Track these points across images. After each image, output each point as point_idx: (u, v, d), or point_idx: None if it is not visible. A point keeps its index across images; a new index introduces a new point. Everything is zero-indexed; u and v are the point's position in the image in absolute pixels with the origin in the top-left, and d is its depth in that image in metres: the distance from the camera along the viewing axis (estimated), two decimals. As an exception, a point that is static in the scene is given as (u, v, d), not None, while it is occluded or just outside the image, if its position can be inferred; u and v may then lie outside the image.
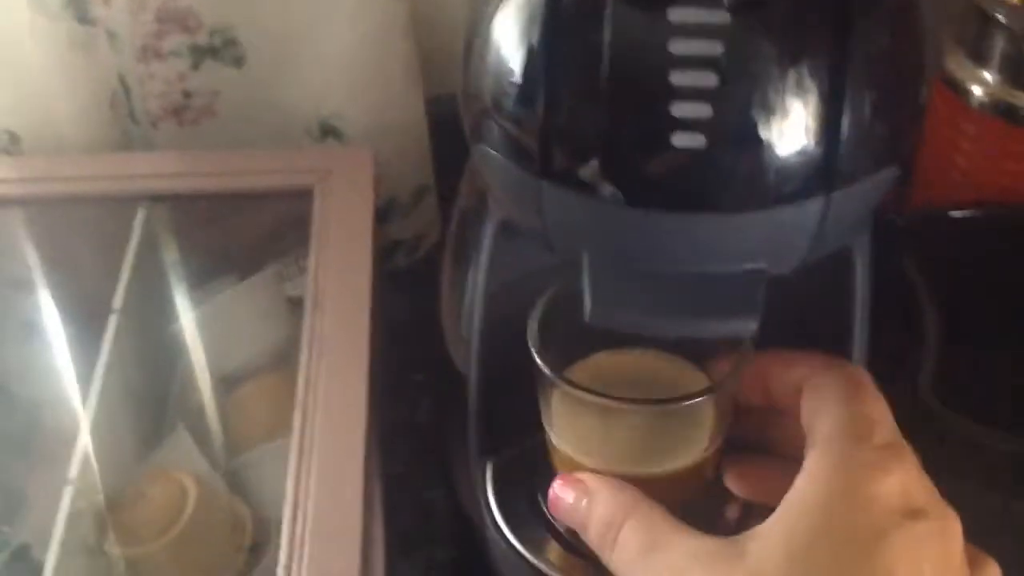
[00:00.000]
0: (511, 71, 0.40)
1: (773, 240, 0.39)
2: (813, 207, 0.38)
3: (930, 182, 0.63)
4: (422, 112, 0.73)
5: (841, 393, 0.39)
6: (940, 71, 0.61)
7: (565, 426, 0.46)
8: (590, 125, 0.38)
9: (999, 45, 0.58)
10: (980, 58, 0.59)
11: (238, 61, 0.69)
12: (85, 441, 0.55)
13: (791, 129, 0.36)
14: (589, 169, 0.38)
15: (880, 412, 0.39)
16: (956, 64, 0.60)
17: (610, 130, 0.37)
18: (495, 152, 0.41)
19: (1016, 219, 0.57)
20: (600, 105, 0.37)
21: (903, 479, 0.36)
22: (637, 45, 0.37)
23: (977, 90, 0.59)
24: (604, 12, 0.37)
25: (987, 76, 0.59)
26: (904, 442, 0.38)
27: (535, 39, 0.39)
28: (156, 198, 0.66)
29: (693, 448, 0.44)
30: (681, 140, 0.36)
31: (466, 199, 0.53)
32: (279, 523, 0.49)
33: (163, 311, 0.65)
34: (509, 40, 0.40)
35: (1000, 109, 0.58)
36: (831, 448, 0.37)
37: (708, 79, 0.36)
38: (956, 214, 0.57)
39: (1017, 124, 0.58)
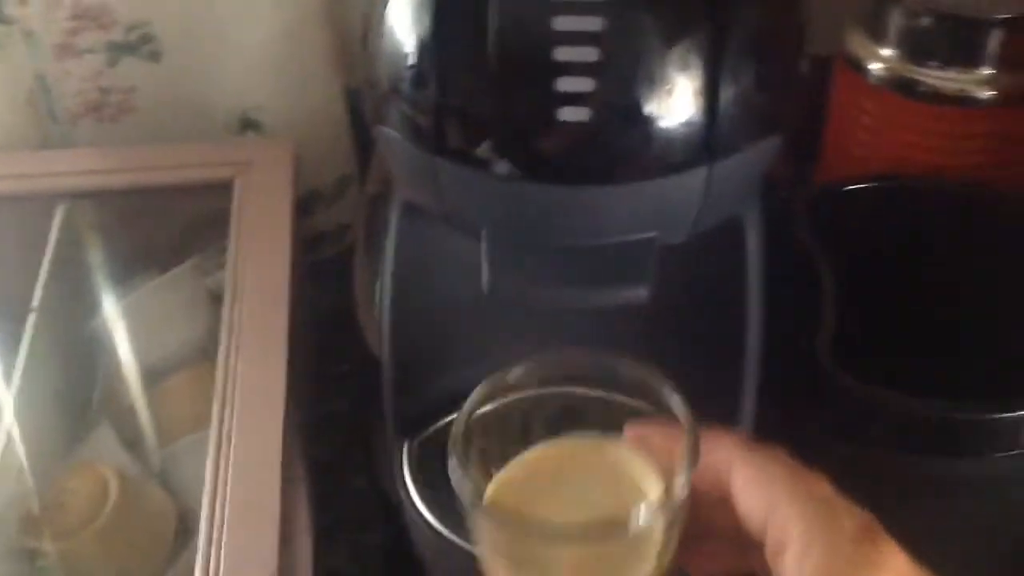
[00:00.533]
0: (405, 55, 0.41)
1: (661, 209, 0.40)
2: (697, 176, 0.39)
3: (835, 158, 0.64)
4: (342, 103, 0.73)
5: (786, 481, 0.35)
6: (841, 50, 0.63)
7: (495, 553, 0.38)
8: (481, 103, 0.39)
9: (895, 22, 0.60)
10: (878, 35, 0.61)
11: (155, 56, 0.69)
12: (5, 438, 0.55)
13: (671, 101, 0.38)
14: (482, 146, 0.39)
15: (829, 488, 0.35)
16: (855, 42, 0.62)
17: (499, 107, 0.38)
18: (394, 133, 0.42)
19: (902, 190, 0.59)
20: (489, 83, 0.38)
21: (895, 569, 0.33)
22: (522, 24, 0.38)
23: (875, 67, 0.61)
24: (489, -5, 0.38)
25: (884, 53, 0.61)
26: (868, 513, 0.34)
27: (425, 23, 0.40)
28: (76, 195, 0.66)
29: (647, 564, 0.37)
30: (566, 114, 0.37)
31: (375, 186, 0.54)
32: (203, 512, 0.49)
33: (84, 308, 0.65)
34: (402, 25, 0.41)
35: (897, 84, 0.60)
36: (811, 552, 0.33)
37: (590, 54, 0.37)
38: (848, 188, 0.59)
39: (913, 97, 0.60)
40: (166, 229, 0.68)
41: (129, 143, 0.71)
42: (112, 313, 0.65)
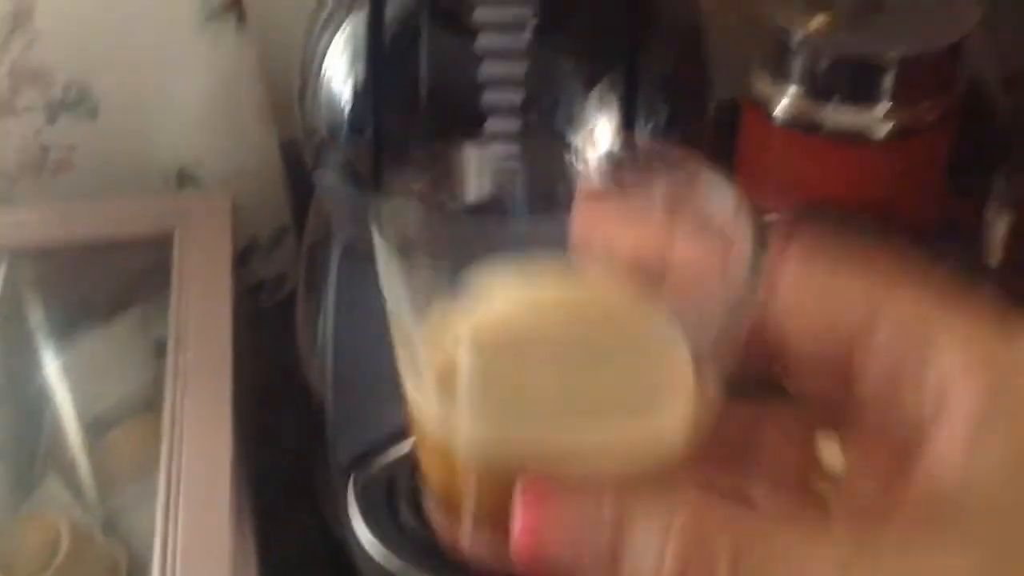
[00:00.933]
0: (343, 102, 0.43)
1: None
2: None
3: (747, 194, 0.68)
4: (277, 155, 0.75)
5: (887, 289, 0.24)
6: (747, 92, 0.67)
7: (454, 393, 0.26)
8: (415, 145, 0.42)
9: (797, 63, 0.64)
10: (781, 77, 0.65)
11: (92, 113, 0.71)
12: (-47, 492, 0.56)
13: (591, 139, 0.41)
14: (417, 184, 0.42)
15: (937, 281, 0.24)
16: (761, 84, 0.66)
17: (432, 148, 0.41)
18: (334, 177, 0.45)
19: (811, 223, 0.62)
20: (422, 126, 0.41)
21: None
22: (451, 70, 0.41)
23: (780, 107, 0.65)
24: (420, 43, 0.41)
25: (788, 93, 0.65)
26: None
27: (361, 73, 0.42)
28: (17, 252, 0.68)
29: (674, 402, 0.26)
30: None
31: (313, 233, 0.56)
32: (155, 560, 0.50)
33: (28, 362, 0.66)
34: (339, 76, 0.44)
35: (801, 122, 0.64)
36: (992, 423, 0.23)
37: (515, 96, 0.40)
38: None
39: (817, 135, 0.64)
40: (108, 282, 0.69)
41: (69, 200, 0.72)
42: (56, 366, 0.66)
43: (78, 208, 0.70)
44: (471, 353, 0.26)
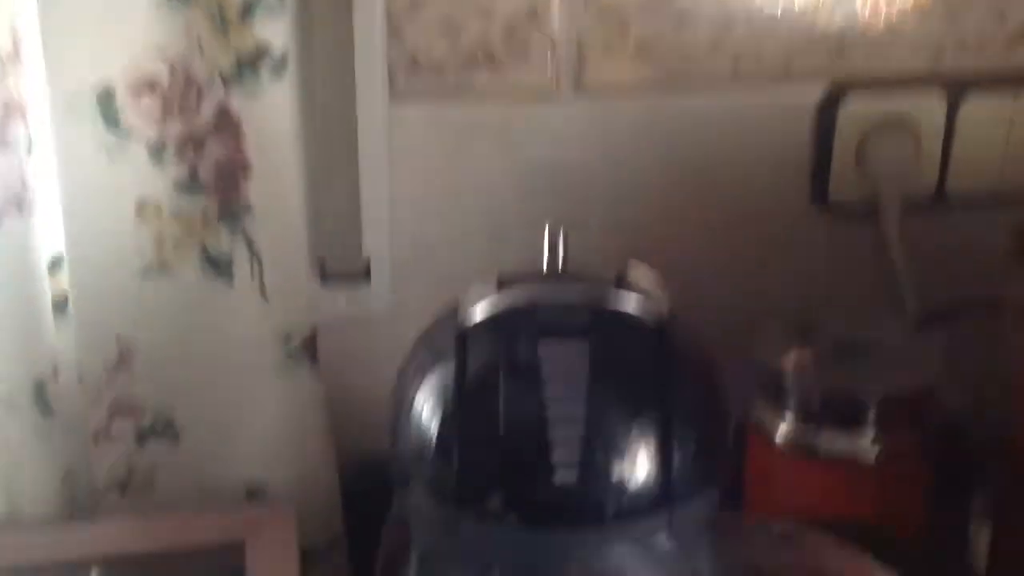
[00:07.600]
0: (431, 434, 0.54)
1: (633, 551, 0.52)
2: (660, 518, 0.52)
3: (758, 511, 0.77)
4: (336, 478, 0.85)
5: None
6: (752, 422, 0.78)
7: None
8: (493, 469, 0.52)
9: (790, 397, 0.75)
10: (779, 407, 0.76)
11: (175, 437, 0.81)
12: None
13: (637, 464, 0.51)
14: (493, 502, 0.52)
15: None
16: (762, 413, 0.77)
17: (508, 472, 0.52)
18: (420, 491, 0.55)
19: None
20: (499, 456, 0.52)
21: None
22: (524, 410, 0.51)
23: (779, 433, 0.75)
24: (498, 390, 0.52)
25: (785, 421, 0.75)
26: None
27: (448, 410, 0.53)
28: (105, 561, 0.75)
29: None
30: (559, 477, 0.51)
31: (388, 544, 0.64)
32: None
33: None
34: (428, 410, 0.54)
35: (798, 446, 0.75)
36: None
37: (575, 431, 0.51)
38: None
39: (813, 457, 0.74)
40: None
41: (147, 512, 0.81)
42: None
43: (158, 521, 0.78)
44: None
